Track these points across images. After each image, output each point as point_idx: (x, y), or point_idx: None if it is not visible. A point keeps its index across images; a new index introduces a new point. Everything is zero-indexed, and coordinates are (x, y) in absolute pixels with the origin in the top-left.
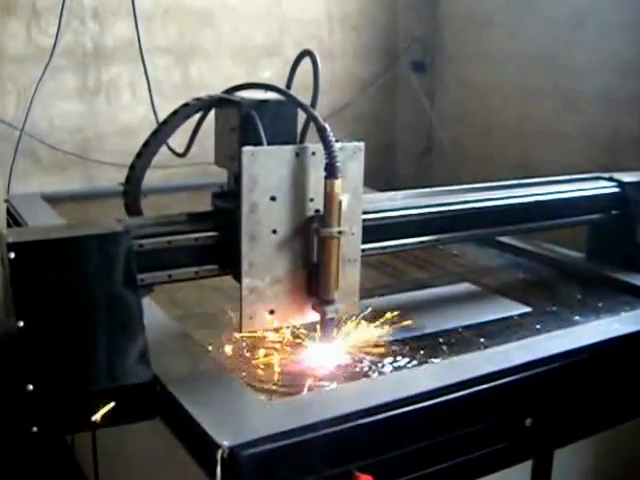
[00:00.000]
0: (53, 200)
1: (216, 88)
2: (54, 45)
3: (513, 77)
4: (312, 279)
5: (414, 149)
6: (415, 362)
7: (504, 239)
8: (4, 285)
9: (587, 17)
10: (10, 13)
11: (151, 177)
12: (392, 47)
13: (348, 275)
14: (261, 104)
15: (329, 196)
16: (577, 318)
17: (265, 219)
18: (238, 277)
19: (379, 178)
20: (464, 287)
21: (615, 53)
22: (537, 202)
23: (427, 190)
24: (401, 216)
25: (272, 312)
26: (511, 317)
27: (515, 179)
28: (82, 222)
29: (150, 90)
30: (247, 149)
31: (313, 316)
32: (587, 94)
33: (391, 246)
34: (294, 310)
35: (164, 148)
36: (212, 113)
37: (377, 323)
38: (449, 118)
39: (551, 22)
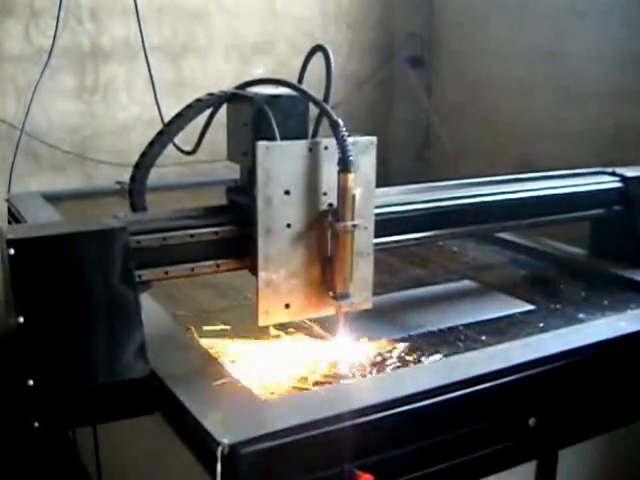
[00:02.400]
0: (53, 199)
1: (209, 85)
2: (52, 45)
3: (512, 71)
4: (327, 273)
5: (412, 145)
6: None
7: (505, 236)
8: (5, 285)
9: (588, 8)
10: (8, 13)
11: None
12: (389, 43)
13: (362, 269)
14: (274, 99)
15: (342, 190)
16: (582, 316)
17: (280, 213)
18: (254, 271)
19: (376, 175)
20: (465, 285)
21: (617, 45)
22: (538, 197)
23: (423, 185)
24: (396, 212)
25: (288, 306)
26: (514, 315)
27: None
28: (81, 219)
29: (154, 88)
30: (262, 144)
31: (328, 310)
32: (589, 87)
33: (387, 242)
34: (309, 304)
35: None
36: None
37: None
38: (447, 114)
39: (551, 14)
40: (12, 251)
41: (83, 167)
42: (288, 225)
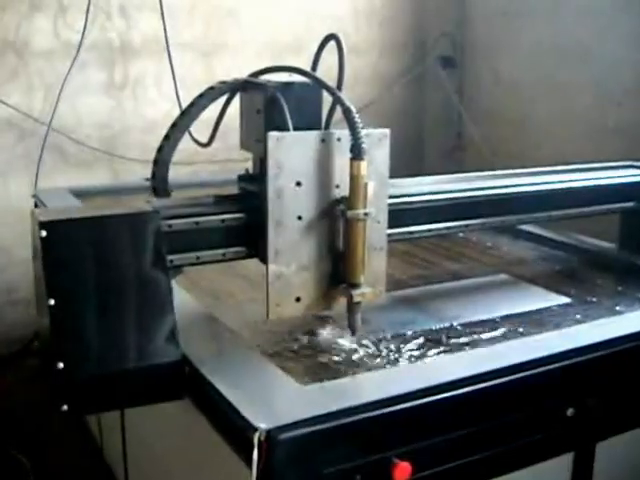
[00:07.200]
0: (81, 195)
1: None
2: (81, 40)
3: (546, 71)
4: (339, 265)
5: (444, 146)
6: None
7: (537, 231)
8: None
9: (624, 7)
10: (37, 8)
11: (176, 173)
12: (420, 42)
13: (375, 263)
14: (286, 86)
15: (354, 178)
16: (619, 308)
17: (291, 205)
18: (264, 260)
19: (408, 175)
20: (501, 278)
21: None
22: (568, 189)
23: (455, 176)
24: (426, 201)
25: (299, 299)
26: (551, 307)
27: None
28: (112, 203)
29: (176, 85)
30: (273, 134)
31: (340, 303)
32: (625, 87)
33: (417, 231)
34: (321, 297)
35: (190, 145)
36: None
37: None
38: (480, 114)
39: (585, 12)
40: (44, 233)
41: (111, 163)
42: (299, 217)
